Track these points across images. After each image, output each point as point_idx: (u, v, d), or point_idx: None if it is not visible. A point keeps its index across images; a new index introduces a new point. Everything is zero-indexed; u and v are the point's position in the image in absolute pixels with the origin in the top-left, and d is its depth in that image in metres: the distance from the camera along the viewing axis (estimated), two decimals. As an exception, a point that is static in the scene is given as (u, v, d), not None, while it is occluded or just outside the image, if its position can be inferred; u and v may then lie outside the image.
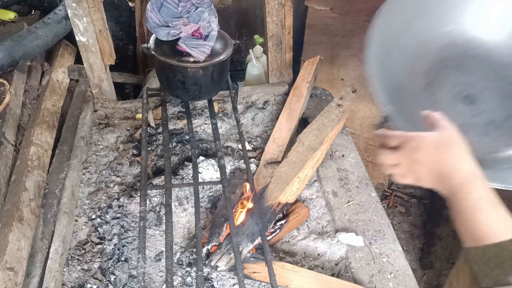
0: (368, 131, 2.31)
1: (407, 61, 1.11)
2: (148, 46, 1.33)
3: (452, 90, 1.10)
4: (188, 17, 1.29)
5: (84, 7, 1.35)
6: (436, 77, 1.12)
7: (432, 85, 1.11)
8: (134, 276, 1.13)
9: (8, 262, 1.05)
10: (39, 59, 1.79)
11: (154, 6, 1.29)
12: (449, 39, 1.15)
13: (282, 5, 1.50)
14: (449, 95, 1.09)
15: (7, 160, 1.37)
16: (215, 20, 1.32)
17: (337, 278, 1.14)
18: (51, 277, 1.07)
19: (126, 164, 1.41)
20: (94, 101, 1.60)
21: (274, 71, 1.68)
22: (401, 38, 1.10)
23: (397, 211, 2.46)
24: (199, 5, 1.30)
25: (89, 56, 1.48)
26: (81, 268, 1.14)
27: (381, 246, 1.21)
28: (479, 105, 1.08)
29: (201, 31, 1.29)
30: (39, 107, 1.53)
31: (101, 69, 1.52)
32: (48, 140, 1.45)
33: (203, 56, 1.28)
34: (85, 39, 1.43)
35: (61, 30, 1.76)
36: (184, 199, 1.30)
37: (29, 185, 1.25)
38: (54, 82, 1.68)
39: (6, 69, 1.55)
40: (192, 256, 1.17)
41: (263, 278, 1.12)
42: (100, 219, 1.25)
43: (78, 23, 1.38)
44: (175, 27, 1.28)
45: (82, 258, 1.17)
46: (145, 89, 1.49)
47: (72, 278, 1.12)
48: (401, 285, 1.12)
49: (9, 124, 1.46)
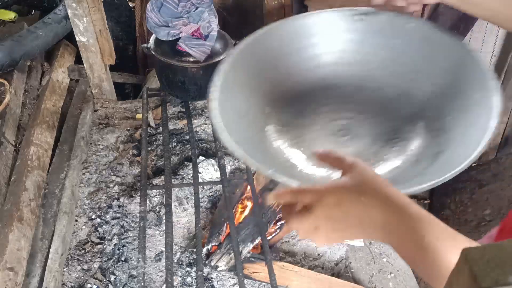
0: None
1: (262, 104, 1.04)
2: (148, 46, 1.33)
3: (327, 125, 1.06)
4: (188, 17, 1.29)
5: (84, 7, 1.35)
6: (310, 115, 1.08)
7: (306, 124, 1.06)
8: (134, 276, 1.13)
9: (8, 262, 1.05)
10: (39, 59, 1.79)
11: (154, 6, 1.29)
12: (317, 76, 1.12)
13: (282, 5, 1.50)
14: (324, 131, 1.05)
15: (7, 160, 1.37)
16: (215, 20, 1.32)
17: (337, 278, 1.14)
18: (51, 277, 1.07)
19: (126, 164, 1.41)
20: (94, 101, 1.60)
21: (274, 71, 1.68)
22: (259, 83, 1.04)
23: (397, 211, 2.47)
24: (199, 5, 1.30)
25: (89, 56, 1.48)
26: (81, 268, 1.14)
27: (381, 246, 1.21)
28: (353, 137, 1.05)
29: (201, 31, 1.29)
30: (39, 107, 1.53)
31: (101, 69, 1.52)
32: (48, 140, 1.45)
33: (203, 56, 1.28)
34: (85, 39, 1.43)
35: (61, 30, 1.76)
36: (184, 199, 1.30)
37: (29, 185, 1.25)
38: (54, 82, 1.68)
39: (6, 69, 1.55)
40: (192, 256, 1.17)
41: (263, 278, 1.12)
42: (100, 219, 1.25)
43: (78, 23, 1.38)
44: (175, 27, 1.28)
45: (82, 258, 1.17)
46: (145, 89, 1.49)
47: (72, 278, 1.12)
48: (401, 285, 1.12)
49: (9, 124, 1.46)
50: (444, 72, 1.06)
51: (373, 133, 1.08)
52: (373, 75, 1.13)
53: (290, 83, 1.10)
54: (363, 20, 1.10)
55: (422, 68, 1.08)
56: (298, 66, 1.11)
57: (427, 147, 1.01)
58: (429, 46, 1.08)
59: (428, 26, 1.07)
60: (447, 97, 1.04)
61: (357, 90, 1.13)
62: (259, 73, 1.05)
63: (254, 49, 1.04)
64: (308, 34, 1.11)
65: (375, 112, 1.11)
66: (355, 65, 1.14)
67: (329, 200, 0.61)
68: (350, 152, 1.00)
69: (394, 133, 1.07)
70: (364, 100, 1.13)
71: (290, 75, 1.10)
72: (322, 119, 1.08)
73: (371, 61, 1.13)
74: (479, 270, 0.29)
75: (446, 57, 1.05)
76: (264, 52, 1.07)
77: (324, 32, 1.12)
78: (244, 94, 1.01)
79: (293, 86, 1.10)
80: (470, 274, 0.29)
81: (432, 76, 1.07)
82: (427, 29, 1.07)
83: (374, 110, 1.11)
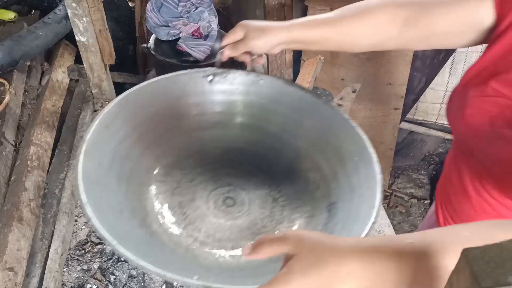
0: (368, 131, 2.31)
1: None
2: (148, 46, 1.33)
3: (209, 198, 1.03)
4: (188, 17, 1.29)
5: (84, 7, 1.35)
6: (189, 189, 1.04)
7: (187, 201, 1.02)
8: (134, 276, 1.13)
9: (8, 262, 1.05)
10: (39, 59, 1.79)
11: (154, 6, 1.29)
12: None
13: (282, 5, 1.50)
14: (207, 205, 1.01)
15: (7, 160, 1.37)
16: (215, 20, 1.32)
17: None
18: (51, 277, 1.07)
19: (126, 164, 1.41)
20: (94, 101, 1.60)
21: (274, 71, 1.68)
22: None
23: (397, 211, 2.46)
24: (199, 5, 1.30)
25: (89, 56, 1.48)
26: (81, 268, 1.14)
27: (381, 246, 1.20)
28: (240, 205, 1.02)
29: (201, 31, 1.29)
30: (39, 107, 1.53)
31: (101, 69, 1.52)
32: (48, 140, 1.45)
33: (203, 56, 1.28)
34: (85, 39, 1.43)
35: (61, 30, 1.76)
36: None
37: (29, 185, 1.25)
38: (54, 82, 1.68)
39: (6, 69, 1.55)
40: (192, 256, 1.17)
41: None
42: (100, 219, 1.25)
43: (78, 23, 1.38)
44: (175, 27, 1.28)
45: (82, 258, 1.16)
46: (145, 89, 1.49)
47: (72, 278, 1.12)
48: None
49: (9, 124, 1.46)
50: (310, 127, 1.04)
51: (258, 195, 1.04)
52: (243, 135, 1.11)
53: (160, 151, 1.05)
54: (212, 81, 1.08)
55: (289, 126, 1.07)
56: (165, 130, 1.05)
57: (315, 199, 1.00)
58: (294, 104, 1.06)
59: (281, 81, 1.06)
60: (318, 149, 1.03)
61: (229, 152, 1.10)
62: (121, 154, 0.96)
63: (125, 108, 1.00)
64: (177, 95, 1.06)
65: (252, 172, 1.08)
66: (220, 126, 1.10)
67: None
68: (244, 222, 0.98)
69: (278, 191, 1.05)
70: (238, 161, 1.10)
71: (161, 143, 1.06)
72: (201, 191, 1.03)
73: (242, 122, 1.10)
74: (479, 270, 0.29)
75: (310, 113, 1.04)
76: (137, 111, 1.02)
77: (187, 94, 1.08)
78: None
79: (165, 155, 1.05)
80: (470, 274, 0.29)
81: (300, 132, 1.06)
82: (281, 84, 1.06)
83: (250, 170, 1.08)
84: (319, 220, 0.95)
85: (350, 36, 0.90)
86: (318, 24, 0.90)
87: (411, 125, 2.55)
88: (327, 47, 0.93)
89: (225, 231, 0.96)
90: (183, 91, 1.07)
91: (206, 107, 1.09)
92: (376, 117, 2.27)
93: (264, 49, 0.92)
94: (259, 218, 0.99)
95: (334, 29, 0.89)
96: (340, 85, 2.15)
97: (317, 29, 0.90)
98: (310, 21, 0.91)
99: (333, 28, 0.89)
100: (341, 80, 2.17)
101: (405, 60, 2.10)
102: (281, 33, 0.90)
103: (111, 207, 0.85)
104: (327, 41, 0.91)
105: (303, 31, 0.90)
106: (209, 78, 1.07)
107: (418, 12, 0.84)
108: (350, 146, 0.95)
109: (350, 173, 0.94)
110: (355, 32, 0.89)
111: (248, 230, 0.97)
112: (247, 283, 0.71)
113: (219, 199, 1.02)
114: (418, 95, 2.30)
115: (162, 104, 1.05)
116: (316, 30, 0.90)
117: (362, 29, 0.88)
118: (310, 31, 0.90)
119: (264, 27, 0.90)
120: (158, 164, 1.05)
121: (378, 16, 0.87)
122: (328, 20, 0.90)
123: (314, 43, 0.92)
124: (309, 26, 0.90)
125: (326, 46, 0.93)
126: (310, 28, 0.90)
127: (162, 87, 1.04)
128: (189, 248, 0.92)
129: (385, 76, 2.15)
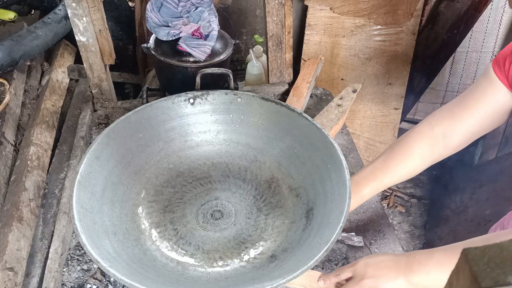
0: (368, 131, 2.31)
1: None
2: (148, 46, 1.33)
3: (198, 213, 1.10)
4: (188, 17, 1.29)
5: (84, 7, 1.35)
6: (179, 206, 1.11)
7: (177, 217, 1.09)
8: (134, 276, 1.13)
9: (8, 262, 1.05)
10: (39, 59, 1.79)
11: (154, 6, 1.29)
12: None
13: (282, 4, 1.50)
14: (196, 220, 1.09)
15: (7, 160, 1.37)
16: (215, 20, 1.32)
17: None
18: (50, 277, 1.07)
19: (126, 164, 1.41)
20: (94, 101, 1.60)
21: (274, 71, 1.68)
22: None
23: (397, 211, 2.46)
24: (199, 5, 1.30)
25: (89, 56, 1.48)
26: (81, 268, 1.14)
27: (381, 246, 1.21)
28: (227, 217, 1.10)
29: (201, 30, 1.29)
30: (39, 107, 1.53)
31: (101, 69, 1.52)
32: (48, 140, 1.45)
33: (204, 56, 1.28)
34: (85, 39, 1.43)
35: (61, 30, 1.76)
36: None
37: (29, 185, 1.25)
38: (54, 82, 1.68)
39: (6, 69, 1.55)
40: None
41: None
42: (100, 219, 1.25)
43: (78, 23, 1.38)
44: (175, 27, 1.28)
45: (81, 258, 1.16)
46: (145, 89, 1.49)
47: (71, 278, 1.12)
48: (401, 285, 1.12)
49: (9, 124, 1.46)
50: (288, 137, 1.14)
51: (244, 206, 1.12)
52: (228, 150, 1.20)
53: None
54: (194, 102, 1.18)
55: (269, 138, 1.17)
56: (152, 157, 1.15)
57: (295, 206, 1.09)
58: (271, 117, 1.16)
59: (258, 98, 1.16)
60: (296, 158, 1.12)
61: (216, 167, 1.19)
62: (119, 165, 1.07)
63: (114, 138, 1.08)
64: (161, 120, 1.16)
65: (238, 185, 1.16)
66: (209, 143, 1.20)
67: None
68: (230, 233, 1.06)
69: (263, 201, 1.13)
70: (225, 175, 1.18)
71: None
72: (191, 206, 1.12)
73: (225, 138, 1.20)
74: (479, 270, 0.29)
75: (287, 125, 1.14)
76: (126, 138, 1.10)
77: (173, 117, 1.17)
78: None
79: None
80: (470, 274, 0.29)
81: (279, 143, 1.15)
82: (258, 100, 1.16)
83: (236, 183, 1.17)
84: (299, 225, 1.03)
85: (408, 175, 1.05)
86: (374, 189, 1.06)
87: (411, 125, 2.56)
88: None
89: (213, 243, 1.03)
90: (167, 115, 1.16)
91: (190, 127, 1.19)
92: (376, 117, 2.27)
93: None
94: (244, 228, 1.07)
95: (385, 184, 1.04)
96: (340, 85, 2.15)
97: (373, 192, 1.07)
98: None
99: (383, 183, 1.04)
100: (341, 80, 2.17)
101: (405, 60, 2.10)
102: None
103: (105, 231, 0.95)
104: (385, 187, 1.07)
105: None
106: (191, 100, 1.17)
107: (451, 125, 0.97)
108: (324, 154, 1.03)
109: (324, 180, 1.02)
110: (404, 171, 1.03)
111: (234, 241, 1.04)
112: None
113: (207, 213, 1.09)
114: (418, 95, 2.31)
115: (148, 130, 1.14)
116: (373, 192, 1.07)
117: (408, 167, 1.02)
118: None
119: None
120: (150, 185, 1.13)
121: (418, 144, 1.00)
122: (377, 178, 1.03)
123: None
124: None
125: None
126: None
127: (146, 114, 1.13)
128: (180, 262, 0.99)
129: (385, 76, 2.15)
